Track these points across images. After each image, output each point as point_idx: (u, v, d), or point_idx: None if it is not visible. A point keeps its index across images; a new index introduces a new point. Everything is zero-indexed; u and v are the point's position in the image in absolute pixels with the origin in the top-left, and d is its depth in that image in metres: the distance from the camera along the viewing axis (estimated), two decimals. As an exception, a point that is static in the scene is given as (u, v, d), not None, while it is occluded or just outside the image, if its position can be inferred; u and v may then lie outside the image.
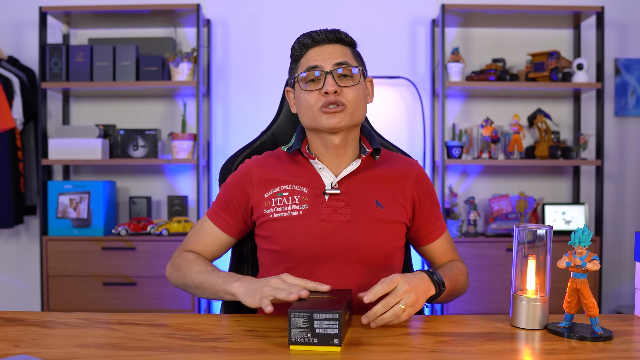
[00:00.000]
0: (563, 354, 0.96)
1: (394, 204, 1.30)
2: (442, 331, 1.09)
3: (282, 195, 1.29)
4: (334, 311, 0.96)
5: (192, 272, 1.28)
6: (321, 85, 1.26)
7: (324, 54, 1.27)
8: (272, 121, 1.55)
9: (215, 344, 1.01)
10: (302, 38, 1.30)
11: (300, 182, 1.30)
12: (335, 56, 1.27)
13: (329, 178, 1.30)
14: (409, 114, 3.35)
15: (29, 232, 3.38)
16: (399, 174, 1.34)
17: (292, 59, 1.34)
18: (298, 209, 1.27)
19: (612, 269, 3.36)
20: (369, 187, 1.30)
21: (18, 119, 3.09)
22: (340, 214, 1.26)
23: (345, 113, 1.25)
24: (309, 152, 1.32)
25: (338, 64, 1.26)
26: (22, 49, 3.33)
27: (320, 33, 1.28)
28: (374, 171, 1.32)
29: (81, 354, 0.95)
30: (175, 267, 1.34)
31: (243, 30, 3.35)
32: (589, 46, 3.29)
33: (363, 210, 1.27)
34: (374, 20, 3.33)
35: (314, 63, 1.27)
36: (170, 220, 3.04)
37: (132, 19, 3.19)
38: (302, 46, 1.29)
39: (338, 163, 1.32)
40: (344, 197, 1.28)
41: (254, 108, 3.32)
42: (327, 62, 1.26)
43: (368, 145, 1.34)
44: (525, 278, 1.11)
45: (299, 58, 1.31)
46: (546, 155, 3.09)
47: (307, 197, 1.28)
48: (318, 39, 1.28)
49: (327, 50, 1.28)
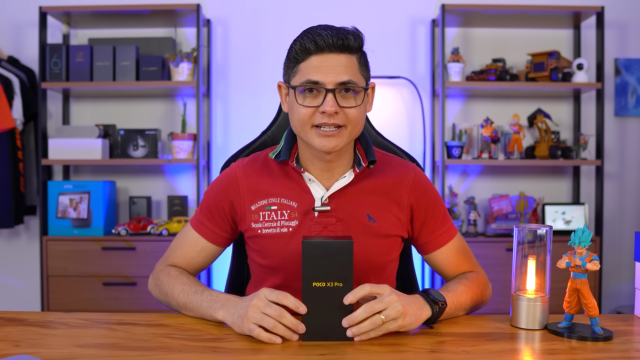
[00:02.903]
0: (563, 354, 0.96)
1: (387, 216, 1.24)
2: (442, 331, 1.09)
3: (271, 209, 1.23)
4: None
5: (175, 290, 1.20)
6: (320, 102, 1.14)
7: (327, 67, 1.14)
8: (272, 121, 1.54)
9: (215, 344, 1.01)
10: (305, 41, 1.15)
11: (289, 195, 1.23)
12: (339, 72, 1.14)
13: (319, 192, 1.23)
14: (409, 114, 3.35)
15: (29, 232, 3.38)
16: (393, 182, 1.26)
17: (288, 57, 1.20)
18: (288, 225, 1.22)
19: (612, 269, 3.35)
20: (360, 201, 1.23)
21: (18, 119, 3.09)
22: (330, 230, 1.21)
23: (342, 135, 1.16)
24: (297, 166, 1.23)
25: (342, 84, 1.14)
26: (22, 49, 3.33)
27: (326, 38, 1.13)
28: (366, 182, 1.25)
29: (81, 354, 0.95)
30: (157, 283, 1.26)
31: (243, 30, 3.35)
32: (589, 46, 3.29)
33: (354, 225, 1.22)
34: (374, 20, 3.33)
35: (314, 77, 1.13)
36: (170, 220, 3.04)
37: (132, 19, 3.19)
38: (304, 51, 1.15)
39: (329, 175, 1.24)
40: (334, 213, 1.22)
41: (254, 108, 3.32)
42: (329, 79, 1.13)
43: (363, 156, 1.24)
44: (525, 278, 1.11)
45: (298, 61, 1.17)
46: (546, 155, 3.09)
47: (297, 213, 1.22)
48: (322, 46, 1.13)
49: (331, 62, 1.14)
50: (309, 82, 1.14)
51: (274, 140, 1.51)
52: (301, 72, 1.16)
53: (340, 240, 1.01)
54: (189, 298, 1.17)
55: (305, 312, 1.01)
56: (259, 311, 1.02)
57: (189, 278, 1.23)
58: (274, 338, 1.00)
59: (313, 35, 1.15)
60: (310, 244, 1.00)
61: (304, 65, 1.16)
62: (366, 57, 1.22)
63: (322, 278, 1.00)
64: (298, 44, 1.16)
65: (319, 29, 1.16)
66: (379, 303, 1.01)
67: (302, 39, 1.16)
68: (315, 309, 1.01)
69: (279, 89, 1.26)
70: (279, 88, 1.26)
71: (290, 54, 1.19)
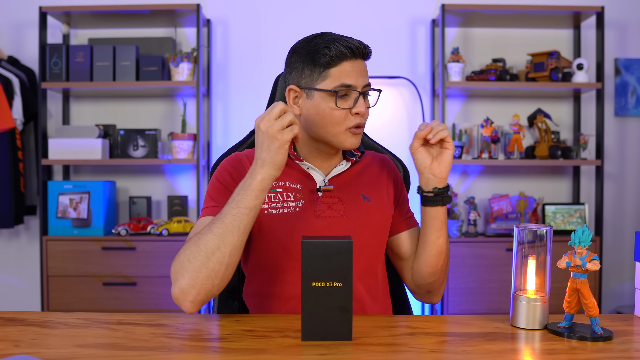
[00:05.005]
0: (563, 354, 0.96)
1: (379, 194, 1.35)
2: (442, 331, 1.09)
3: (276, 191, 1.28)
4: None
5: (204, 237, 1.10)
6: (350, 105, 1.23)
7: (357, 72, 1.23)
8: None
9: (215, 344, 1.01)
10: (339, 46, 1.20)
11: (292, 179, 1.30)
12: (365, 76, 1.25)
13: (319, 177, 1.32)
14: (409, 114, 3.35)
15: (29, 232, 3.38)
16: (378, 167, 1.39)
17: (314, 62, 1.22)
18: (294, 205, 1.27)
19: (612, 269, 3.36)
20: (355, 183, 1.33)
21: (18, 119, 3.09)
22: (334, 210, 1.29)
23: (361, 132, 1.28)
24: (297, 154, 1.32)
25: (366, 86, 1.25)
26: (22, 49, 3.33)
27: (358, 45, 1.22)
28: (356, 168, 1.36)
29: (81, 354, 0.95)
30: (181, 263, 1.11)
31: (243, 30, 3.35)
32: (589, 46, 3.29)
33: (353, 205, 1.30)
34: (374, 20, 3.33)
35: (349, 82, 1.21)
36: (170, 220, 3.04)
37: (132, 19, 3.19)
38: (340, 56, 1.21)
39: (327, 165, 1.33)
40: (336, 193, 1.30)
41: (254, 108, 3.31)
42: (360, 82, 1.23)
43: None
44: (525, 278, 1.11)
45: (329, 66, 1.21)
46: (546, 155, 3.09)
47: (302, 194, 1.29)
48: (356, 52, 1.22)
49: (360, 67, 1.24)
50: (343, 86, 1.22)
51: None
52: (333, 76, 1.22)
53: (339, 240, 1.01)
54: (220, 217, 1.11)
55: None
56: (277, 129, 1.09)
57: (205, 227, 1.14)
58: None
59: (347, 42, 1.22)
60: (309, 243, 1.00)
61: (336, 70, 1.22)
62: None
63: (321, 278, 1.00)
64: (332, 49, 1.20)
65: (342, 37, 1.23)
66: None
67: (335, 44, 1.21)
68: (315, 309, 1.01)
69: (288, 93, 1.28)
70: (289, 92, 1.28)
71: (316, 59, 1.22)
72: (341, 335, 1.01)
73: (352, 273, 1.02)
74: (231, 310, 1.43)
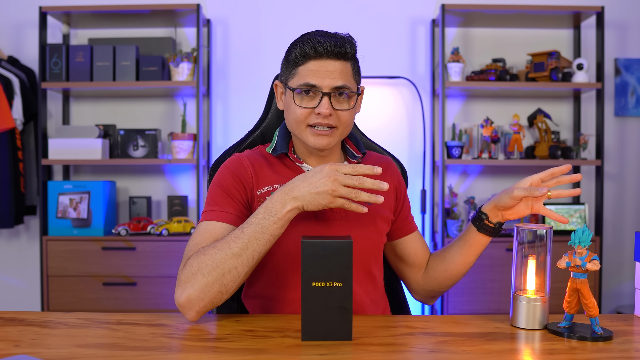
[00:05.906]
0: (563, 354, 0.96)
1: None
2: (442, 331, 1.09)
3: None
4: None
5: (220, 251, 1.09)
6: (315, 104, 1.22)
7: (324, 72, 1.21)
8: (259, 119, 1.55)
9: (215, 344, 1.01)
10: (304, 46, 1.21)
11: None
12: (335, 77, 1.21)
13: None
14: (409, 114, 3.35)
15: (29, 232, 3.38)
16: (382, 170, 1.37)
17: (287, 60, 1.27)
18: None
19: (612, 269, 3.36)
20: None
21: (18, 119, 3.09)
22: (335, 211, 1.28)
23: (333, 135, 1.25)
24: (296, 156, 1.31)
25: (337, 88, 1.21)
26: (22, 49, 3.33)
27: (325, 45, 1.20)
28: None
29: (81, 354, 0.95)
30: (192, 273, 1.09)
31: (243, 30, 3.35)
32: (589, 46, 3.29)
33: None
34: (374, 20, 3.33)
35: (312, 81, 1.21)
36: (170, 220, 3.04)
37: (132, 19, 3.19)
38: (304, 56, 1.21)
39: None
40: None
41: (254, 108, 3.31)
42: (325, 83, 1.21)
43: (355, 150, 1.36)
44: (525, 278, 1.11)
45: (297, 65, 1.24)
46: (546, 155, 3.09)
47: None
48: (321, 52, 1.20)
49: (328, 67, 1.21)
50: (306, 85, 1.22)
51: (263, 139, 1.52)
52: (299, 75, 1.23)
53: (339, 240, 1.01)
54: (242, 237, 1.09)
55: (381, 172, 1.10)
56: (339, 184, 1.08)
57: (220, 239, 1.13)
58: (361, 207, 1.11)
59: (313, 42, 1.21)
60: (309, 244, 1.00)
61: (302, 69, 1.23)
62: (358, 63, 1.30)
63: (321, 278, 1.00)
64: (298, 49, 1.23)
65: (317, 35, 1.23)
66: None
67: (302, 44, 1.22)
68: (315, 309, 1.01)
69: (275, 88, 1.34)
70: (276, 87, 1.34)
71: (289, 57, 1.26)
72: (341, 335, 1.01)
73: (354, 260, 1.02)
74: (230, 311, 1.43)
